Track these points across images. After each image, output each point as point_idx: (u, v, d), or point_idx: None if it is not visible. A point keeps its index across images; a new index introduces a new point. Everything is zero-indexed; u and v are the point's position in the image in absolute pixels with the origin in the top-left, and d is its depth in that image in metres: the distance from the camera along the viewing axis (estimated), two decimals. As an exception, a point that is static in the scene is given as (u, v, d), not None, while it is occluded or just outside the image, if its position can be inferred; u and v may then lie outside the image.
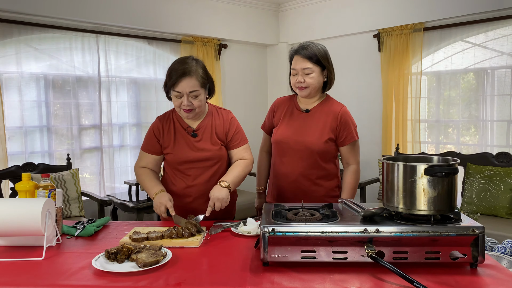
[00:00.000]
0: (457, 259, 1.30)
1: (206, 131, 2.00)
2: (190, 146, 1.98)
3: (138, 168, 2.05)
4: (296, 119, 2.10)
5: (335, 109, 2.07)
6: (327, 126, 2.04)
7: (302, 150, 2.04)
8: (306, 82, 2.00)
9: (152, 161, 2.05)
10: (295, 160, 2.06)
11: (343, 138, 2.05)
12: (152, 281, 1.25)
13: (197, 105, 1.90)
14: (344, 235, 1.30)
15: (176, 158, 1.99)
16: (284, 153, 2.09)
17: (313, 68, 1.99)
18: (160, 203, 1.87)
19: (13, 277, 1.31)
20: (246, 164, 2.03)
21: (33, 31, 3.68)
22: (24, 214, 1.49)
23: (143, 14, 4.23)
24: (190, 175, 2.00)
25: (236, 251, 1.52)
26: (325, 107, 2.08)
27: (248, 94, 5.39)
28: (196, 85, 1.87)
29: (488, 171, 3.45)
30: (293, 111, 2.13)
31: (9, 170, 3.31)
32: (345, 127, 2.04)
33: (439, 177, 1.31)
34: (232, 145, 2.04)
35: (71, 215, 3.45)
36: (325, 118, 2.05)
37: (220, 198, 1.84)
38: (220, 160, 2.01)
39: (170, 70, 1.90)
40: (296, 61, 2.02)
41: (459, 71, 4.06)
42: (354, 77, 4.83)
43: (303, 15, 5.20)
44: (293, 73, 2.04)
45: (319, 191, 2.08)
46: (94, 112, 4.16)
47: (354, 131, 2.08)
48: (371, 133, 4.71)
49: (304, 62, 1.98)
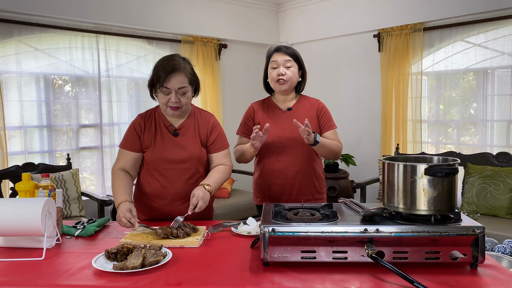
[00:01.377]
0: (457, 259, 1.30)
1: (188, 131, 1.97)
2: (170, 145, 1.94)
3: (114, 170, 1.95)
4: (280, 118, 2.18)
5: (314, 103, 2.22)
6: (313, 120, 2.16)
7: (297, 146, 2.13)
8: (287, 75, 2.10)
9: (130, 160, 1.95)
10: (292, 156, 2.14)
11: (324, 125, 2.19)
12: (152, 281, 1.25)
13: (184, 102, 1.88)
14: (344, 235, 1.30)
15: (154, 157, 1.93)
16: (279, 152, 2.15)
17: (293, 63, 2.13)
18: (119, 216, 1.73)
19: (13, 277, 1.31)
20: (226, 171, 1.99)
21: (33, 31, 3.68)
22: (24, 214, 1.49)
23: (143, 14, 4.23)
24: (167, 176, 1.94)
25: (236, 251, 1.52)
26: (304, 104, 2.21)
27: (248, 94, 5.38)
28: (185, 82, 1.86)
29: (488, 171, 3.45)
30: (274, 112, 2.21)
31: (9, 170, 3.31)
32: (325, 116, 2.19)
33: (439, 177, 1.31)
34: (213, 149, 2.00)
35: (71, 215, 3.45)
36: (308, 113, 2.17)
37: (204, 198, 1.78)
38: (198, 163, 1.97)
39: (157, 67, 1.88)
40: (277, 55, 2.14)
41: (459, 71, 4.06)
42: (354, 77, 4.83)
43: (303, 15, 5.20)
44: (273, 66, 2.13)
45: (317, 182, 2.21)
46: (94, 112, 4.16)
47: (332, 120, 2.23)
48: (370, 133, 4.71)
49: (286, 56, 2.12)
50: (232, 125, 5.15)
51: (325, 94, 4.76)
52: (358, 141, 4.84)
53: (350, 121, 4.82)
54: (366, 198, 4.19)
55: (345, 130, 4.45)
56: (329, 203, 1.62)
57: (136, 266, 1.30)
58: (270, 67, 2.16)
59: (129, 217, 1.72)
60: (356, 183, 4.12)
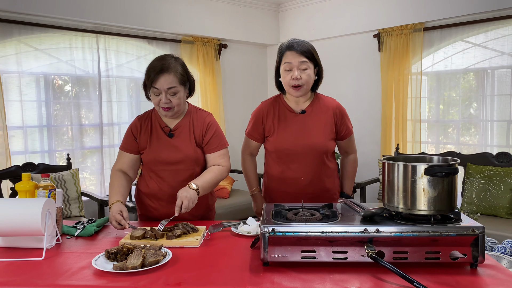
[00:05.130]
0: (457, 259, 1.30)
1: (184, 132, 1.94)
2: (165, 146, 1.92)
3: (114, 170, 1.98)
4: (292, 122, 2.00)
5: (329, 105, 2.05)
6: (328, 124, 2.01)
7: (310, 153, 1.97)
8: (303, 79, 1.90)
9: (128, 161, 1.97)
10: (305, 164, 1.98)
11: (343, 133, 2.07)
12: (152, 281, 1.25)
13: (175, 103, 1.85)
14: (344, 235, 1.30)
15: (150, 158, 1.93)
16: (291, 160, 2.00)
17: (308, 63, 1.92)
18: (110, 218, 1.77)
19: (13, 277, 1.31)
20: (221, 171, 1.93)
21: (33, 31, 3.68)
22: (24, 214, 1.49)
23: (143, 14, 4.23)
24: (162, 177, 1.93)
25: (236, 251, 1.52)
26: (319, 105, 2.03)
27: (248, 94, 5.39)
28: (175, 82, 1.82)
29: (488, 171, 3.45)
30: (286, 114, 2.02)
31: (9, 170, 3.31)
32: (342, 122, 2.06)
33: (439, 177, 1.31)
34: (209, 149, 1.96)
35: (71, 215, 3.45)
36: (323, 117, 2.01)
37: (188, 197, 1.73)
38: (195, 164, 1.94)
39: (149, 67, 1.86)
40: (290, 56, 1.91)
41: (459, 71, 4.06)
42: (354, 77, 4.83)
43: (303, 15, 5.20)
44: (286, 68, 1.91)
45: (330, 190, 2.07)
46: (94, 112, 4.16)
47: (350, 123, 2.11)
48: (370, 133, 4.71)
49: (300, 57, 1.90)
50: (232, 125, 5.15)
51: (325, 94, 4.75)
52: (358, 141, 4.79)
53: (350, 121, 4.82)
54: (366, 198, 4.19)
55: (345, 130, 4.44)
56: (329, 203, 1.62)
57: (136, 266, 1.30)
58: (283, 69, 1.93)
59: (119, 219, 1.73)
60: (356, 183, 4.12)
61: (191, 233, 1.67)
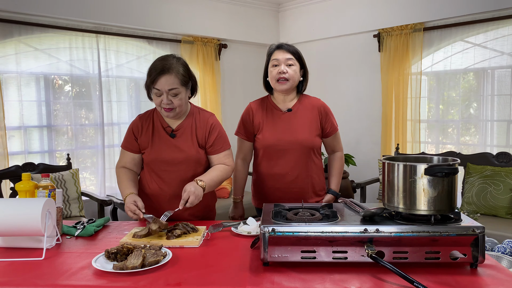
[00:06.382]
0: (457, 259, 1.30)
1: (186, 132, 1.93)
2: (167, 147, 1.91)
3: (118, 168, 2.01)
4: (280, 120, 2.09)
5: (315, 103, 2.14)
6: (313, 121, 2.10)
7: (297, 149, 2.06)
8: (289, 74, 2.02)
9: (130, 160, 1.99)
10: (292, 160, 2.07)
11: (328, 129, 2.14)
12: (152, 281, 1.25)
13: (177, 104, 1.84)
14: (344, 235, 1.30)
15: (151, 158, 1.93)
16: (278, 155, 2.08)
17: (295, 61, 2.05)
18: (126, 207, 1.80)
19: (13, 277, 1.31)
20: (227, 170, 1.95)
21: (33, 31, 3.68)
22: (24, 214, 1.49)
23: (143, 14, 4.23)
24: (163, 177, 1.93)
25: (236, 251, 1.52)
26: (305, 104, 2.13)
27: (248, 94, 5.38)
28: (176, 83, 1.80)
29: (488, 171, 3.45)
30: (273, 113, 2.12)
31: (9, 170, 3.31)
32: (327, 119, 2.13)
33: (439, 177, 1.31)
34: (213, 150, 1.96)
35: (71, 215, 3.45)
36: (309, 114, 2.10)
37: (195, 193, 1.74)
38: (197, 164, 1.94)
39: (150, 67, 1.86)
40: (278, 53, 2.05)
41: (459, 71, 4.06)
42: (354, 77, 4.83)
43: (303, 15, 5.20)
44: (274, 63, 2.05)
45: (316, 186, 2.14)
46: (94, 112, 4.16)
47: (335, 121, 2.17)
48: (370, 133, 4.71)
49: (287, 54, 2.04)
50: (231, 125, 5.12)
51: (325, 94, 4.75)
52: (358, 141, 4.84)
53: (350, 121, 4.82)
54: (366, 198, 4.19)
55: (345, 130, 4.44)
56: (329, 203, 1.62)
57: (136, 266, 1.30)
58: (271, 65, 2.06)
59: (134, 209, 1.75)
60: (356, 183, 4.12)
61: (191, 233, 1.67)
